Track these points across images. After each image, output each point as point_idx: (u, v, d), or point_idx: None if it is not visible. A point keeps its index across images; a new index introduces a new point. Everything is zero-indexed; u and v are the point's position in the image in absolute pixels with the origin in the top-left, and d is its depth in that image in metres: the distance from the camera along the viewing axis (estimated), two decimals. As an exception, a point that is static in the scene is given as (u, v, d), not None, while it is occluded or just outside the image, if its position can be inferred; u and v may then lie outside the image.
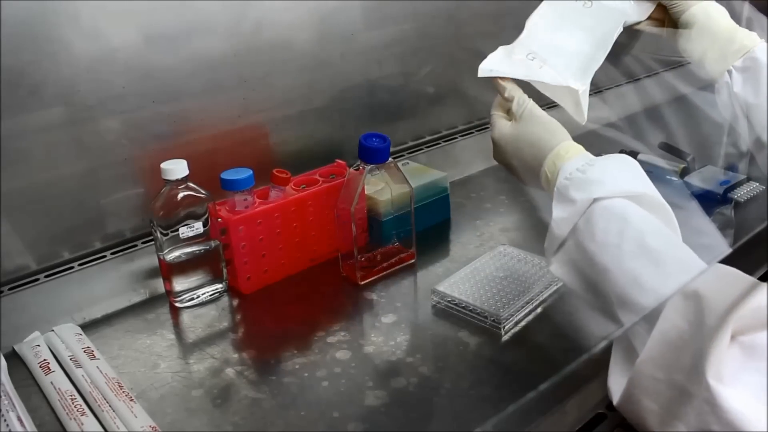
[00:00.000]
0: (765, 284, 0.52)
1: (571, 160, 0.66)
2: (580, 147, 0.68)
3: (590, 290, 0.63)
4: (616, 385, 0.59)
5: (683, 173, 1.07)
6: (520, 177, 0.72)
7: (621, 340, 0.59)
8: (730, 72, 0.84)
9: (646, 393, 0.54)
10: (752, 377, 0.49)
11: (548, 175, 0.67)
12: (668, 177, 1.05)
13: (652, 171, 1.00)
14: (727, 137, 1.02)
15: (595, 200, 0.61)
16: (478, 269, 0.85)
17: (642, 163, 1.09)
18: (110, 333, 0.80)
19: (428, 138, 1.22)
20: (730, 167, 1.06)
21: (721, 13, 0.87)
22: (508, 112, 0.73)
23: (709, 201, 1.01)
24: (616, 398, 0.58)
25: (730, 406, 0.48)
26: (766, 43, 0.84)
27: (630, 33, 0.89)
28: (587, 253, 0.61)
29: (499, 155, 0.74)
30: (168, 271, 0.82)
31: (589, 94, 0.76)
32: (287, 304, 0.85)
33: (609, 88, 1.46)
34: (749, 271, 0.81)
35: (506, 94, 0.72)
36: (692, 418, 0.50)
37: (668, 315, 0.53)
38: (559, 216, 0.64)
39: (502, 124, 0.73)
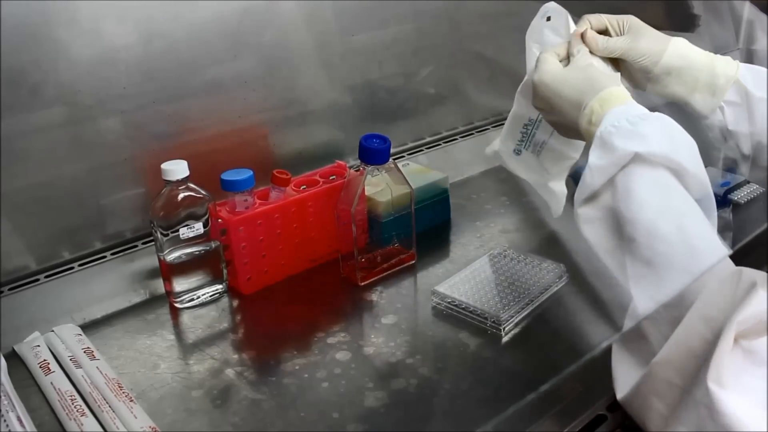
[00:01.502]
0: None
1: (620, 105, 0.63)
2: (629, 94, 0.65)
3: (613, 256, 0.59)
4: (624, 378, 0.57)
5: None
6: (558, 120, 0.70)
7: (631, 331, 0.57)
8: (722, 108, 0.79)
9: (656, 394, 0.53)
10: (753, 382, 0.48)
11: (592, 118, 0.64)
12: None
13: None
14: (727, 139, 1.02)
15: (636, 155, 0.58)
16: (478, 270, 0.85)
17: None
18: (110, 333, 0.80)
19: (428, 139, 1.22)
20: (730, 169, 1.06)
21: (695, 51, 0.79)
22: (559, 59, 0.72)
23: None
24: (622, 393, 0.57)
25: (729, 411, 0.47)
26: (742, 66, 0.78)
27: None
28: (620, 217, 0.58)
29: (539, 95, 0.71)
30: (168, 271, 0.82)
31: None
32: (287, 304, 0.85)
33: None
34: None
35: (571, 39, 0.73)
36: (692, 422, 0.50)
37: (692, 322, 0.51)
38: (596, 163, 0.60)
39: (551, 62, 0.71)
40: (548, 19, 0.77)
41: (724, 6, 1.42)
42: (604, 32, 0.78)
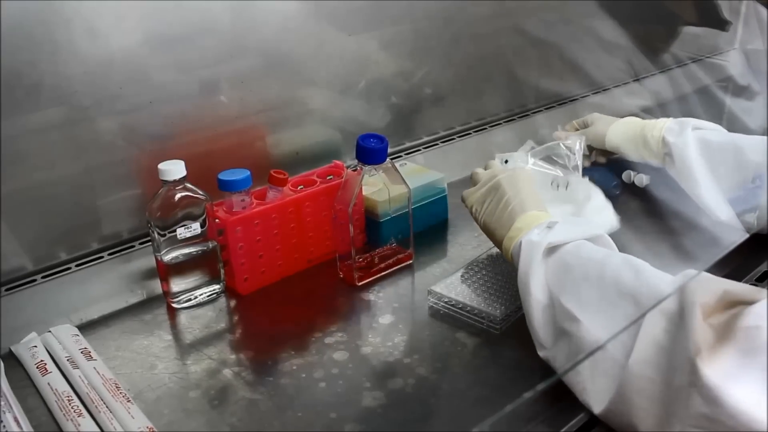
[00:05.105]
0: (730, 281, 0.56)
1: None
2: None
3: (543, 313, 0.67)
4: (598, 391, 0.59)
5: None
6: (506, 206, 0.78)
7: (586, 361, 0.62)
8: (665, 158, 1.01)
9: (639, 392, 0.55)
10: (730, 354, 0.50)
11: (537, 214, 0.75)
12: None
13: (658, 169, 1.03)
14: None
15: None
16: (475, 270, 0.85)
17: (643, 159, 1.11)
18: (107, 334, 0.80)
19: (426, 139, 1.22)
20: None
21: (630, 125, 1.06)
22: None
23: None
24: (601, 406, 0.59)
25: (714, 382, 0.49)
26: (669, 122, 1.01)
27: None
28: (568, 265, 0.66)
29: (485, 176, 0.83)
30: (165, 272, 0.82)
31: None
32: (284, 305, 0.85)
33: (607, 89, 1.47)
34: (748, 271, 0.82)
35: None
36: (686, 411, 0.51)
37: (654, 319, 0.55)
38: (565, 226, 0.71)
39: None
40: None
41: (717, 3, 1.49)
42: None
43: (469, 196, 0.84)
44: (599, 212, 0.97)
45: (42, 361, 0.73)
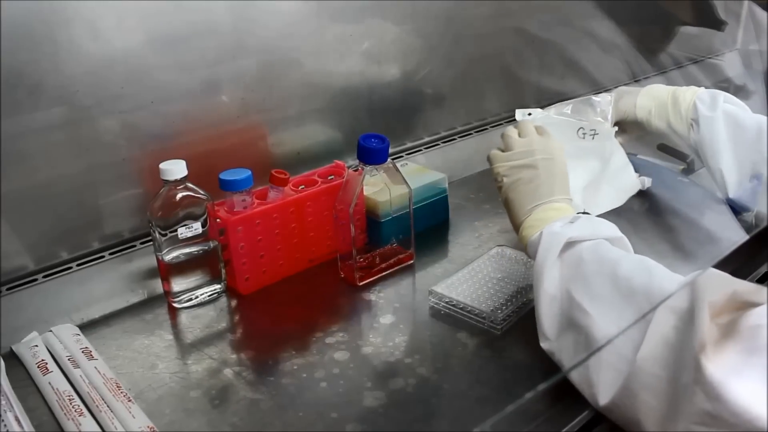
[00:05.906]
0: (741, 281, 0.56)
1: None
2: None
3: (551, 305, 0.67)
4: (605, 384, 0.59)
5: (683, 175, 1.08)
6: (529, 174, 0.77)
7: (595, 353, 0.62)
8: (691, 125, 0.99)
9: (645, 388, 0.55)
10: (736, 356, 0.50)
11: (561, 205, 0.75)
12: (679, 178, 1.07)
13: (660, 172, 1.03)
14: None
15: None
16: (476, 270, 0.85)
17: (645, 162, 1.11)
18: (108, 333, 0.80)
19: (427, 139, 1.22)
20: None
21: (660, 88, 1.05)
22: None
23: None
24: (606, 399, 0.59)
25: (719, 379, 0.49)
26: (701, 91, 1.00)
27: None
28: (582, 261, 0.66)
29: (521, 146, 0.80)
30: (166, 271, 0.82)
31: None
32: (285, 304, 0.85)
33: (608, 90, 1.47)
34: (750, 271, 0.82)
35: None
36: (689, 408, 0.51)
37: (663, 316, 0.55)
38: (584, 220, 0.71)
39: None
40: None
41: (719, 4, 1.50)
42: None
43: (498, 161, 0.81)
44: (623, 169, 0.96)
45: (43, 360, 0.73)
